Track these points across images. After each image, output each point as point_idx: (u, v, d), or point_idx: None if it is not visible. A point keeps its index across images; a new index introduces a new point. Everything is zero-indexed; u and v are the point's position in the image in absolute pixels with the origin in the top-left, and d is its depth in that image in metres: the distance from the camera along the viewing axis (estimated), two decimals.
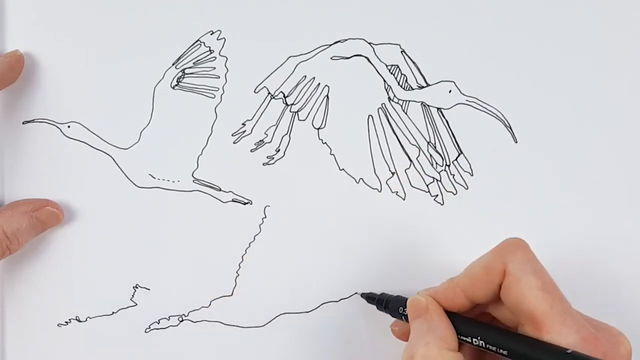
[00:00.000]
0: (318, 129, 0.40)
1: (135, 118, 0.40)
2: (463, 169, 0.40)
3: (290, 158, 0.41)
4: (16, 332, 0.42)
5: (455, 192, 0.40)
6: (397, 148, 0.40)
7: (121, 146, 0.41)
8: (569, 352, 0.29)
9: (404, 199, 0.40)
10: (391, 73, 0.40)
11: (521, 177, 0.40)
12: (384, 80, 0.40)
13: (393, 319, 0.38)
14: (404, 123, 0.40)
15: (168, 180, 0.41)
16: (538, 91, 0.40)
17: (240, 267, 0.41)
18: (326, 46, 0.40)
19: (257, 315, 0.41)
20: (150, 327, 0.41)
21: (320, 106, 0.40)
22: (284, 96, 0.40)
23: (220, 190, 0.41)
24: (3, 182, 0.41)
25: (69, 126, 0.40)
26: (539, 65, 0.40)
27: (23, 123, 0.41)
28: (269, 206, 0.41)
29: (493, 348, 0.31)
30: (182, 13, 0.40)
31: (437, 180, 0.40)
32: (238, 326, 0.41)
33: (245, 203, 0.41)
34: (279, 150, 0.40)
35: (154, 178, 0.41)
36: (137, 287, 0.41)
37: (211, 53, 0.40)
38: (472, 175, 0.40)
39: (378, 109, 0.40)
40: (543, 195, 0.40)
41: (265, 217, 0.41)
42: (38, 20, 0.40)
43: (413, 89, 0.40)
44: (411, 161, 0.40)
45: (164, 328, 0.41)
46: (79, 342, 0.41)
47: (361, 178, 0.40)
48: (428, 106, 0.40)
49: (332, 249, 0.41)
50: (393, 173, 0.40)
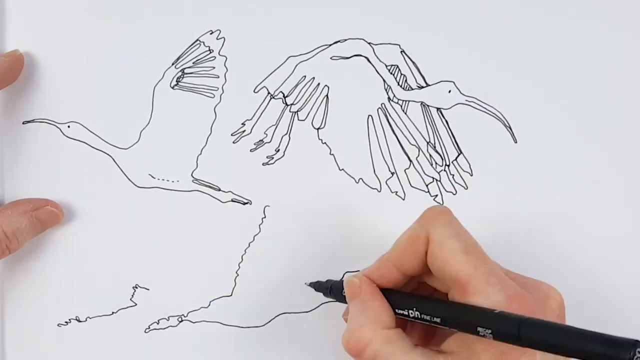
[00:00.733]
0: (318, 129, 0.40)
1: (135, 118, 0.40)
2: (462, 169, 0.40)
3: (290, 158, 0.41)
4: (16, 332, 0.42)
5: (454, 192, 0.40)
6: (397, 148, 0.40)
7: (121, 146, 0.41)
8: (497, 313, 0.28)
9: (404, 199, 0.40)
10: (391, 73, 0.40)
11: (521, 177, 0.40)
12: (384, 80, 0.40)
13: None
14: (404, 123, 0.40)
15: (168, 180, 0.41)
16: (538, 91, 0.40)
17: (240, 267, 0.41)
18: (326, 46, 0.40)
19: (257, 315, 0.41)
20: (149, 328, 0.41)
21: (320, 106, 0.40)
22: (284, 96, 0.40)
23: (219, 190, 0.41)
24: (3, 182, 0.41)
25: (69, 126, 0.41)
26: (539, 65, 0.40)
27: (23, 123, 0.41)
28: (269, 206, 0.41)
29: (427, 318, 0.31)
30: (182, 13, 0.40)
31: (437, 180, 0.40)
32: (238, 326, 0.41)
33: (244, 203, 0.41)
34: (279, 150, 0.40)
35: (154, 178, 0.41)
36: (137, 287, 0.41)
37: (211, 53, 0.40)
38: (472, 175, 0.40)
39: (378, 109, 0.40)
40: (542, 195, 0.40)
41: (265, 217, 0.41)
42: (38, 20, 0.40)
43: (413, 89, 0.40)
44: (411, 161, 0.40)
45: (164, 328, 0.41)
46: (79, 342, 0.41)
47: (361, 178, 0.40)
48: (428, 106, 0.40)
49: (332, 249, 0.41)
50: (393, 173, 0.40)
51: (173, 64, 0.40)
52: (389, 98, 0.40)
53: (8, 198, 0.41)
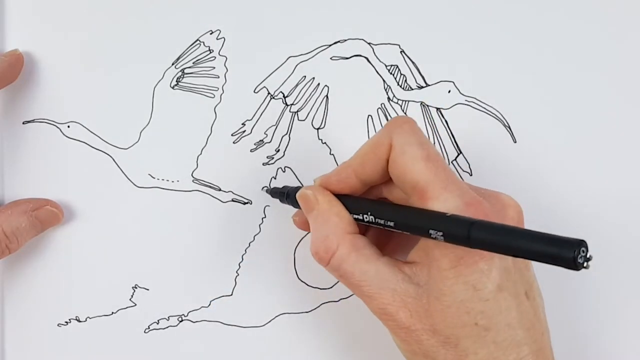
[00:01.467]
0: (318, 129, 0.40)
1: (135, 118, 0.40)
2: (462, 169, 0.40)
3: (290, 158, 0.41)
4: (16, 332, 0.42)
5: None
6: None
7: (121, 146, 0.41)
8: (448, 216, 0.29)
9: None
10: (390, 73, 0.40)
11: (520, 177, 0.40)
12: (384, 80, 0.40)
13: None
14: None
15: (168, 180, 0.41)
16: (537, 91, 0.40)
17: (240, 267, 0.41)
18: (326, 46, 0.40)
19: (257, 315, 0.41)
20: (149, 328, 0.41)
21: (320, 106, 0.40)
22: (284, 96, 0.40)
23: (220, 190, 0.41)
24: (3, 182, 0.41)
25: (69, 126, 0.41)
26: (538, 65, 0.40)
27: (23, 123, 0.41)
28: (269, 206, 0.41)
29: (381, 221, 0.32)
30: (182, 12, 0.40)
31: None
32: (238, 326, 0.41)
33: (245, 203, 0.41)
34: (279, 150, 0.41)
35: (154, 178, 0.41)
36: (137, 287, 0.41)
37: (211, 53, 0.40)
38: (471, 175, 0.40)
39: (377, 109, 0.40)
40: (542, 195, 0.40)
41: (265, 217, 0.41)
42: (38, 20, 0.40)
43: (412, 89, 0.40)
44: None
45: (164, 328, 0.41)
46: (79, 342, 0.41)
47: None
48: (427, 106, 0.40)
49: None
50: None
51: (173, 64, 0.40)
52: (389, 98, 0.40)
53: (8, 198, 0.41)
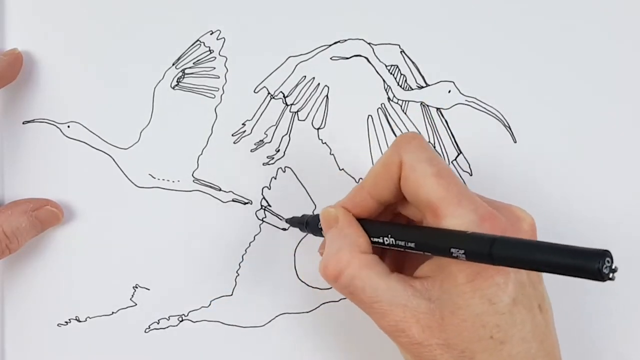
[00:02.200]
0: (318, 129, 0.40)
1: (135, 118, 0.41)
2: (462, 169, 0.40)
3: (290, 158, 0.41)
4: (16, 332, 0.42)
5: None
6: None
7: (121, 146, 0.41)
8: (469, 234, 0.29)
9: None
10: (390, 73, 0.40)
11: (520, 177, 0.40)
12: (384, 80, 0.40)
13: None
14: (404, 123, 0.40)
15: (168, 180, 0.41)
16: (537, 91, 0.40)
17: (240, 267, 0.41)
18: (326, 46, 0.40)
19: (257, 315, 0.41)
20: (150, 327, 0.41)
21: (320, 106, 0.40)
22: (284, 96, 0.40)
23: (220, 190, 0.41)
24: (3, 182, 0.41)
25: (69, 126, 0.41)
26: (539, 65, 0.40)
27: (23, 123, 0.41)
28: (269, 206, 0.41)
29: (402, 243, 0.31)
30: (182, 13, 0.40)
31: None
32: (238, 326, 0.41)
33: (245, 203, 0.41)
34: (279, 150, 0.41)
35: (154, 178, 0.41)
36: (137, 287, 0.41)
37: (211, 53, 0.40)
38: (472, 175, 0.40)
39: (377, 109, 0.40)
40: (542, 195, 0.40)
41: (265, 217, 0.41)
42: (38, 20, 0.40)
43: (412, 89, 0.40)
44: None
45: (164, 328, 0.41)
46: (79, 342, 0.41)
47: (361, 178, 0.40)
48: (427, 106, 0.40)
49: None
50: None
51: (173, 64, 0.40)
52: (389, 98, 0.40)
53: (8, 198, 0.41)
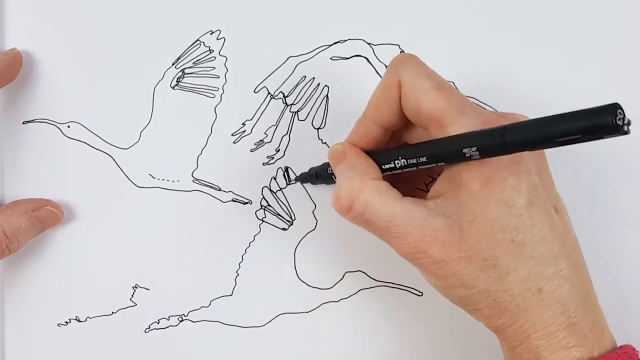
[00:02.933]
0: (318, 129, 0.40)
1: (135, 118, 0.41)
2: None
3: (290, 158, 0.41)
4: (16, 332, 0.42)
5: None
6: None
7: (121, 146, 0.41)
8: (477, 130, 0.29)
9: None
10: None
11: None
12: None
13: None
14: None
15: (168, 180, 0.41)
16: (537, 91, 0.40)
17: (240, 267, 0.41)
18: (326, 46, 0.40)
19: (257, 315, 0.41)
20: (150, 327, 0.41)
21: (320, 106, 0.40)
22: (284, 96, 0.40)
23: (220, 190, 0.41)
24: (3, 182, 0.41)
25: (69, 126, 0.41)
26: (538, 65, 0.40)
27: (23, 123, 0.41)
28: (270, 206, 0.41)
29: (413, 161, 0.31)
30: (182, 13, 0.40)
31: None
32: (238, 326, 0.41)
33: (245, 203, 0.41)
34: (279, 150, 0.41)
35: (154, 178, 0.41)
36: (137, 287, 0.41)
37: (211, 53, 0.40)
38: None
39: None
40: None
41: (265, 217, 0.41)
42: (38, 20, 0.40)
43: None
44: None
45: (164, 328, 0.41)
46: (79, 342, 0.41)
47: None
48: None
49: (332, 249, 0.41)
50: None
51: (173, 64, 0.40)
52: None
53: (8, 198, 0.41)
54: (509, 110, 0.39)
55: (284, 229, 0.41)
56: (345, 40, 0.40)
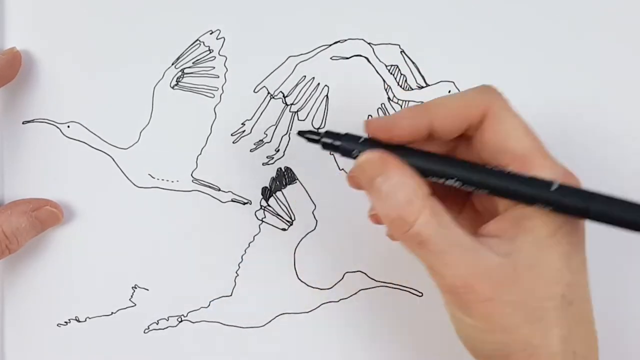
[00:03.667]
0: (318, 129, 0.40)
1: (134, 118, 0.41)
2: None
3: (290, 158, 0.41)
4: (16, 332, 0.42)
5: None
6: None
7: (121, 146, 0.41)
8: (563, 185, 0.29)
9: None
10: (391, 73, 0.40)
11: None
12: (384, 80, 0.40)
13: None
14: None
15: (167, 180, 0.41)
16: (537, 91, 0.40)
17: (239, 267, 0.41)
18: (326, 46, 0.40)
19: (257, 315, 0.41)
20: (149, 328, 0.41)
21: (319, 106, 0.40)
22: (284, 96, 0.40)
23: (219, 190, 0.41)
24: (3, 182, 0.41)
25: (69, 126, 0.41)
26: (539, 65, 0.40)
27: (23, 123, 0.41)
28: (270, 206, 0.41)
29: (474, 185, 0.30)
30: (182, 13, 0.40)
31: None
32: (238, 326, 0.41)
33: (245, 203, 0.41)
34: (279, 150, 0.41)
35: (154, 178, 0.41)
36: (136, 288, 0.41)
37: (210, 52, 0.40)
38: None
39: (377, 109, 0.40)
40: None
41: (264, 217, 0.41)
42: (38, 20, 0.40)
43: (412, 89, 0.40)
44: None
45: (163, 328, 0.41)
46: (79, 342, 0.41)
47: None
48: None
49: (332, 249, 0.41)
50: None
51: (173, 64, 0.40)
52: (389, 98, 0.40)
53: (8, 198, 0.41)
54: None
55: (284, 229, 0.41)
56: (345, 40, 0.40)
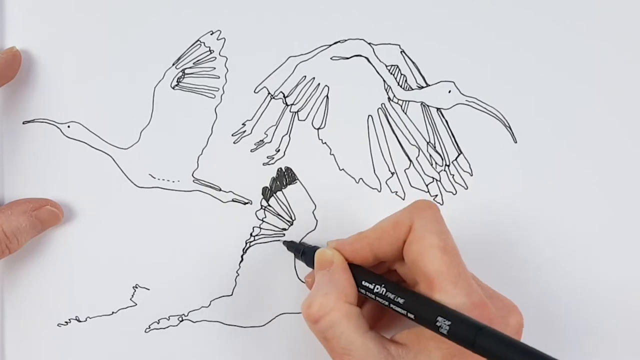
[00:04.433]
0: (318, 129, 0.40)
1: (135, 118, 0.40)
2: (462, 169, 0.40)
3: (290, 158, 0.41)
4: (16, 332, 0.42)
5: (454, 192, 0.40)
6: (397, 148, 0.40)
7: (121, 146, 0.41)
8: (457, 314, 0.29)
9: (404, 199, 0.40)
10: (391, 73, 0.40)
11: (520, 178, 0.40)
12: (384, 80, 0.40)
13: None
14: (404, 123, 0.40)
15: (168, 180, 0.41)
16: (537, 91, 0.40)
17: (240, 267, 0.41)
18: (326, 46, 0.40)
19: (257, 315, 0.41)
20: (150, 327, 0.41)
21: (320, 106, 0.40)
22: (284, 96, 0.40)
23: (220, 190, 0.41)
24: (3, 182, 0.41)
25: (69, 126, 0.41)
26: (539, 65, 0.40)
27: (23, 123, 0.41)
28: (270, 206, 0.41)
29: (392, 296, 0.32)
30: (182, 13, 0.40)
31: (437, 180, 0.40)
32: (238, 326, 0.41)
33: (245, 203, 0.41)
34: (279, 150, 0.41)
35: (154, 178, 0.41)
36: (137, 287, 0.41)
37: (211, 53, 0.40)
38: (472, 175, 0.40)
39: (378, 109, 0.40)
40: (543, 195, 0.40)
41: (265, 217, 0.41)
42: (38, 19, 0.40)
43: (413, 89, 0.40)
44: (411, 161, 0.40)
45: (164, 328, 0.41)
46: (79, 342, 0.41)
47: (361, 178, 0.41)
48: (428, 106, 0.40)
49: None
50: (393, 173, 0.40)
51: (173, 64, 0.40)
52: (389, 98, 0.40)
53: (8, 198, 0.41)
54: (508, 108, 0.40)
55: (284, 229, 0.41)
56: (345, 40, 0.40)
